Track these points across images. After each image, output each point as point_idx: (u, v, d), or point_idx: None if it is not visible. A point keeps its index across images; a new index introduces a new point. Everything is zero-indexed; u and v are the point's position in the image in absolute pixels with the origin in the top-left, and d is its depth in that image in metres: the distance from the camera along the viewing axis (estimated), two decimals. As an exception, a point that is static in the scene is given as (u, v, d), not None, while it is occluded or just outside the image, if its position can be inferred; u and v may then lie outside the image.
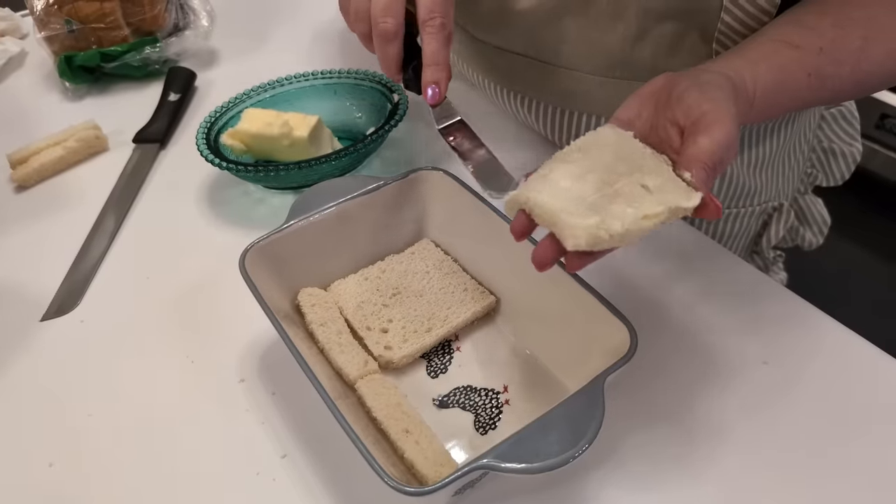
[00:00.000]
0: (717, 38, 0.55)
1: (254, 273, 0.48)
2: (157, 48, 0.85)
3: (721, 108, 0.40)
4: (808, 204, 0.78)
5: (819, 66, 0.47)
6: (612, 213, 0.38)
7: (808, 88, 0.48)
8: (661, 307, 0.54)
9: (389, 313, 0.52)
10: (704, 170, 0.39)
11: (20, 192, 0.72)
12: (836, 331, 0.52)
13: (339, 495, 0.44)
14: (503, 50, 0.66)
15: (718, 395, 0.48)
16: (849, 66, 0.48)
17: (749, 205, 0.71)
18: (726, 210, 0.70)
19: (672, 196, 0.39)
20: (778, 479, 0.44)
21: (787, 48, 0.47)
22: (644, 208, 0.38)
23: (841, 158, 0.77)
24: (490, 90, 0.73)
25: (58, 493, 0.46)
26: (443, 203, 0.56)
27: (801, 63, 0.47)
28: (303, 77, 0.74)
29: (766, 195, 0.71)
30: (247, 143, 0.67)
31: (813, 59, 0.47)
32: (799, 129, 0.70)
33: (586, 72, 0.62)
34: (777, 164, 0.70)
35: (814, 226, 0.78)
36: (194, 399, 0.51)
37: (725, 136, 0.39)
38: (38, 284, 0.61)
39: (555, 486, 0.44)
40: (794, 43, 0.47)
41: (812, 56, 0.47)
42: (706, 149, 0.39)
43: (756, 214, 0.72)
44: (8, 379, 0.53)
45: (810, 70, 0.47)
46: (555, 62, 0.63)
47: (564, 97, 0.66)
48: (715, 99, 0.41)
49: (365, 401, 0.46)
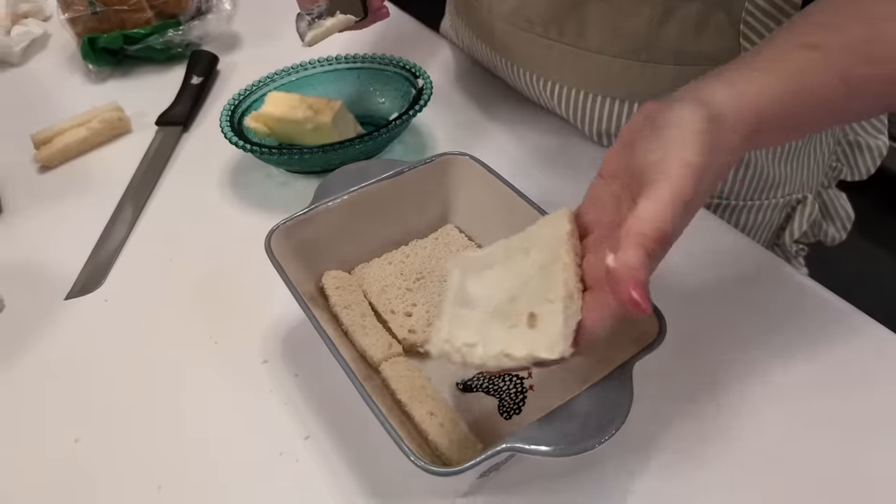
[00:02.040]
0: (744, 18, 0.54)
1: (279, 254, 0.48)
2: (179, 31, 0.85)
3: (672, 156, 0.33)
4: (831, 198, 0.77)
5: (848, 67, 0.38)
6: (488, 336, 0.36)
7: (845, 94, 0.39)
8: (685, 295, 0.54)
9: (413, 297, 0.52)
10: (640, 246, 0.31)
11: (44, 173, 0.72)
12: (865, 325, 0.52)
13: (362, 476, 0.44)
14: (525, 32, 0.66)
15: (744, 386, 0.48)
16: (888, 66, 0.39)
17: (773, 196, 0.70)
18: (750, 202, 0.70)
19: (542, 341, 0.35)
20: (805, 471, 0.43)
21: (807, 50, 0.39)
22: (511, 346, 0.35)
23: (867, 152, 0.76)
24: (510, 72, 0.72)
25: (83, 469, 0.46)
26: (468, 188, 0.56)
27: (825, 65, 0.38)
28: (326, 61, 0.74)
29: (791, 187, 0.70)
30: (270, 127, 0.67)
31: (840, 60, 0.38)
32: None
33: (611, 55, 0.61)
34: (803, 156, 0.69)
35: (837, 221, 0.77)
36: (218, 379, 0.51)
37: (672, 195, 0.31)
38: (63, 263, 0.61)
39: (578, 471, 0.44)
40: (814, 44, 0.39)
41: (841, 56, 0.38)
42: (646, 216, 0.31)
43: (780, 207, 0.71)
44: (34, 356, 0.54)
45: (840, 74, 0.38)
46: (578, 45, 0.63)
47: (587, 80, 0.65)
48: (668, 142, 0.33)
49: (389, 383, 0.46)
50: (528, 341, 0.35)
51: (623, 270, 0.30)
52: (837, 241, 0.78)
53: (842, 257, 1.09)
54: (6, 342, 0.55)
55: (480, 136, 0.71)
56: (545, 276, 0.38)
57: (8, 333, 0.56)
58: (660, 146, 0.33)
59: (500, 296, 0.39)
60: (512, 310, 0.38)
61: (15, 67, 0.90)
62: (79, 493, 0.45)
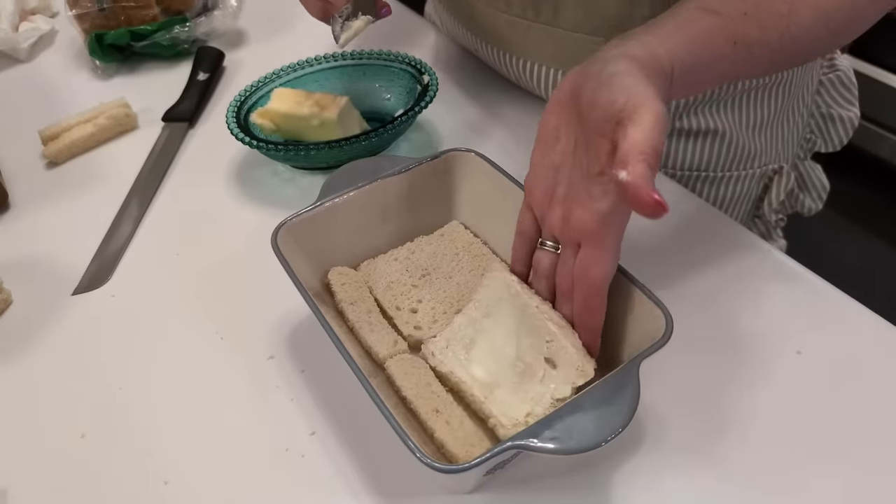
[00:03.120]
0: None
1: (286, 250, 0.48)
2: (186, 28, 0.85)
3: (637, 92, 0.38)
4: (807, 169, 0.78)
5: (743, 31, 0.43)
6: (534, 398, 0.42)
7: (734, 58, 0.44)
8: (688, 290, 0.53)
9: (419, 294, 0.52)
10: (644, 162, 0.36)
11: (51, 168, 0.73)
12: (871, 322, 0.51)
13: (368, 472, 0.44)
14: (504, 13, 0.66)
15: (751, 384, 0.47)
16: (776, 31, 0.44)
17: (750, 167, 0.71)
18: (728, 173, 0.71)
19: (572, 373, 0.43)
20: (811, 468, 0.43)
21: (706, 15, 0.43)
22: (555, 392, 0.42)
23: (839, 123, 0.77)
24: (492, 55, 0.73)
25: (90, 464, 0.47)
26: (473, 185, 0.56)
27: (722, 30, 0.43)
28: (332, 58, 0.74)
29: (767, 158, 0.72)
30: (276, 123, 0.67)
31: (736, 26, 0.43)
32: (797, 92, 0.70)
33: (586, 33, 0.62)
34: (776, 126, 0.70)
35: (813, 191, 0.78)
36: (224, 374, 0.51)
37: (652, 118, 0.36)
38: (70, 259, 0.61)
39: (584, 469, 0.43)
40: (713, 9, 0.43)
41: (735, 22, 0.43)
42: (637, 139, 0.36)
43: (757, 177, 0.73)
44: (41, 351, 0.54)
45: (735, 38, 0.43)
46: (554, 24, 0.63)
47: (563, 59, 0.66)
48: (627, 87, 0.38)
49: (394, 380, 0.46)
50: (562, 380, 0.42)
51: (640, 180, 0.35)
52: (814, 212, 0.80)
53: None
54: (14, 337, 0.55)
55: (485, 133, 0.71)
56: (528, 326, 0.45)
57: (15, 328, 0.56)
58: (620, 92, 0.38)
59: (507, 363, 0.44)
60: (528, 367, 0.44)
61: (22, 64, 0.90)
62: (85, 487, 0.45)
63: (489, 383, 0.44)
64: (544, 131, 0.45)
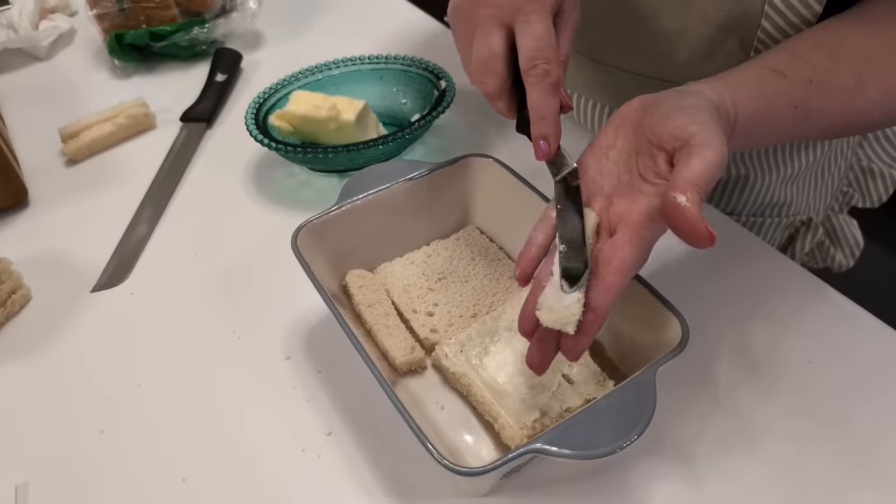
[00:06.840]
0: (755, 46, 0.53)
1: (305, 251, 0.48)
2: (204, 29, 0.86)
3: (708, 129, 0.39)
4: (841, 224, 0.75)
5: (805, 98, 0.45)
6: (543, 407, 0.44)
7: (793, 121, 0.45)
8: (702, 298, 0.54)
9: (435, 297, 0.53)
10: (698, 192, 0.37)
11: (71, 166, 0.73)
12: (883, 334, 0.51)
13: (383, 474, 0.45)
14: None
15: (764, 391, 0.48)
16: (839, 102, 0.45)
17: (776, 216, 0.69)
18: (751, 218, 0.69)
19: (591, 386, 0.45)
20: (822, 476, 0.43)
21: (773, 76, 0.45)
22: (564, 402, 0.44)
23: (880, 179, 0.74)
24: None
25: (108, 459, 0.47)
26: (490, 190, 0.56)
27: (786, 94, 0.44)
28: (350, 62, 0.74)
29: (795, 208, 0.70)
30: (294, 125, 0.67)
31: (799, 91, 0.45)
32: (837, 144, 0.68)
33: (625, 69, 0.62)
34: (809, 179, 0.68)
35: (846, 247, 0.76)
36: (241, 374, 0.52)
37: (717, 158, 0.38)
38: (89, 256, 0.62)
39: (599, 474, 0.44)
40: (782, 72, 0.45)
41: (799, 87, 0.44)
42: (699, 172, 0.37)
43: (782, 226, 0.71)
44: (60, 347, 0.55)
45: (796, 102, 0.44)
46: (595, 57, 0.64)
47: (599, 91, 0.67)
48: (701, 121, 0.40)
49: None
50: (575, 394, 0.45)
51: (695, 209, 0.37)
52: (845, 268, 0.77)
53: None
54: (33, 333, 0.56)
55: (501, 138, 0.72)
56: None
57: (35, 325, 0.57)
58: (695, 123, 0.39)
59: (521, 375, 0.45)
60: (542, 381, 0.44)
61: (42, 62, 0.91)
62: (103, 483, 0.46)
63: (500, 391, 0.45)
64: (601, 139, 0.45)
